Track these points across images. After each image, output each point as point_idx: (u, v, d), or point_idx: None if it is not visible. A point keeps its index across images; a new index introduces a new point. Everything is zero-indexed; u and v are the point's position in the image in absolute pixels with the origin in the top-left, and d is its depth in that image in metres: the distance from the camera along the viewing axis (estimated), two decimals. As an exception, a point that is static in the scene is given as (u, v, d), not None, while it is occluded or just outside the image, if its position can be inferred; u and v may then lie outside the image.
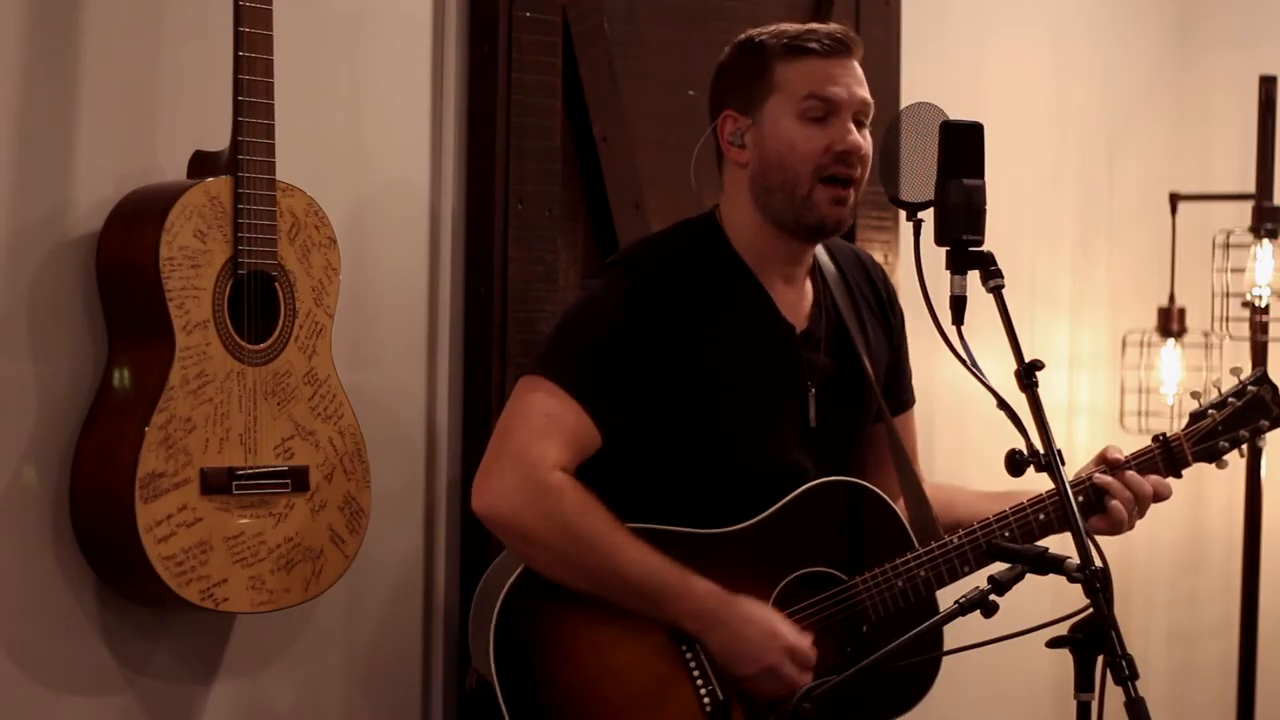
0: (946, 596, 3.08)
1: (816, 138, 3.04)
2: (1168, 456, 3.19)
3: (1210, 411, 3.22)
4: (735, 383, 3.07)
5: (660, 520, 3.01)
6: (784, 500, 3.07)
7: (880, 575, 3.06)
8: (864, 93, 3.08)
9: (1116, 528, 3.11)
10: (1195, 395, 3.26)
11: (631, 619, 2.97)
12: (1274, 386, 3.25)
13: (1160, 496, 3.16)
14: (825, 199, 3.05)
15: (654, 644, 2.98)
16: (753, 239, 3.11)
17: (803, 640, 2.99)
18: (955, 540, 3.08)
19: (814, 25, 3.11)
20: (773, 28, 3.11)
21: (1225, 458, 3.23)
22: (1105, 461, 3.15)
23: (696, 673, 2.99)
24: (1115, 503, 3.10)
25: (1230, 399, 3.22)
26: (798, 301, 3.15)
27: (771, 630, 2.98)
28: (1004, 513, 3.10)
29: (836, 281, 3.20)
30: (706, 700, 2.99)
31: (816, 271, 3.19)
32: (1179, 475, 3.21)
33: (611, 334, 3.01)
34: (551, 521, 2.93)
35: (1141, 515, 3.15)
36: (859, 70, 3.09)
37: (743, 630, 2.97)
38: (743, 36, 3.14)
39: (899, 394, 3.30)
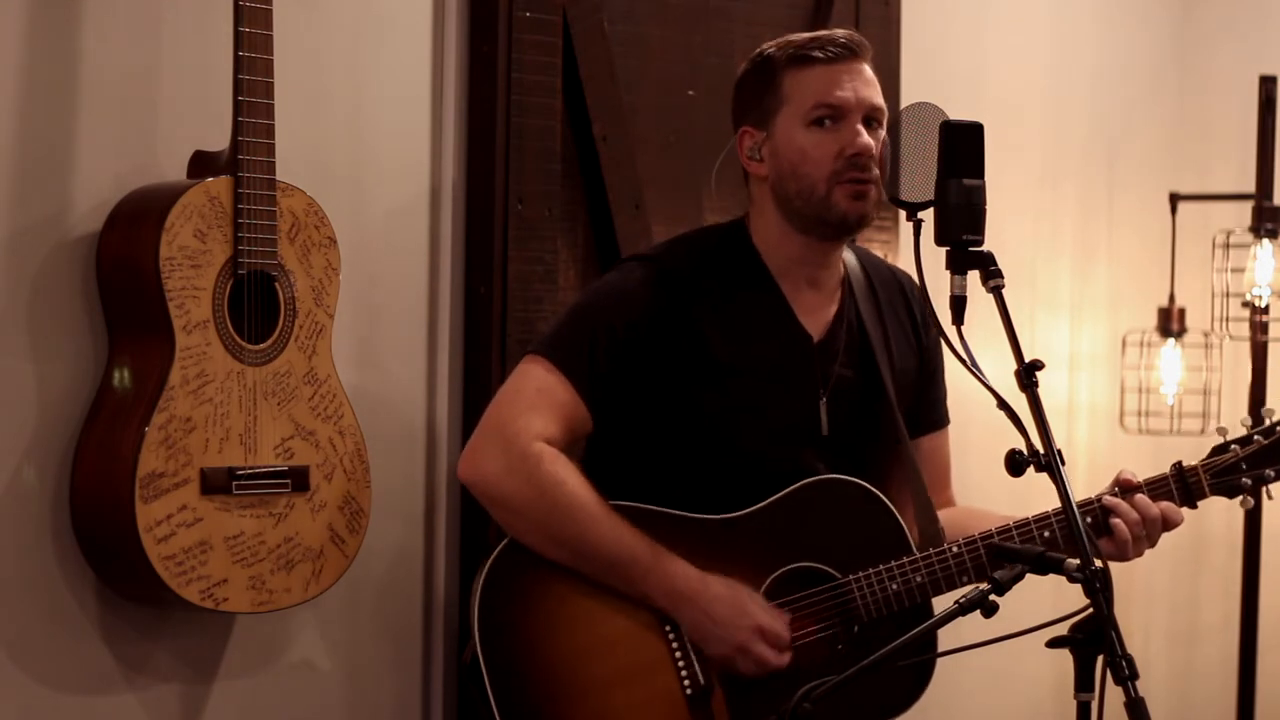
0: (943, 605, 3.08)
1: (826, 143, 3.07)
2: (1182, 485, 3.13)
3: (1233, 446, 3.14)
4: (739, 380, 3.08)
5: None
6: (782, 493, 3.07)
7: (874, 576, 3.06)
8: (872, 94, 3.10)
9: (1122, 550, 3.07)
10: (1221, 431, 3.18)
11: (617, 594, 2.99)
12: None
13: (1170, 524, 3.10)
14: (844, 196, 3.07)
15: (639, 622, 3.00)
16: (779, 245, 3.14)
17: (775, 621, 3.00)
18: (955, 549, 3.07)
19: (820, 33, 3.14)
20: (780, 40, 3.14)
21: (1248, 496, 3.13)
22: (1118, 484, 3.13)
23: (679, 654, 2.99)
24: (1119, 522, 3.06)
25: (1257, 436, 3.13)
26: (819, 311, 3.16)
27: (741, 609, 2.99)
28: (1007, 525, 3.08)
29: (865, 296, 3.21)
30: (687, 683, 2.99)
31: (846, 284, 3.20)
32: (1194, 506, 3.15)
33: (615, 321, 3.05)
34: (529, 488, 2.98)
35: (1152, 544, 3.11)
36: (868, 73, 3.11)
37: (711, 609, 2.99)
38: (755, 52, 3.17)
39: (930, 413, 3.31)
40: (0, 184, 2.86)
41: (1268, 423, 3.16)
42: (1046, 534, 3.07)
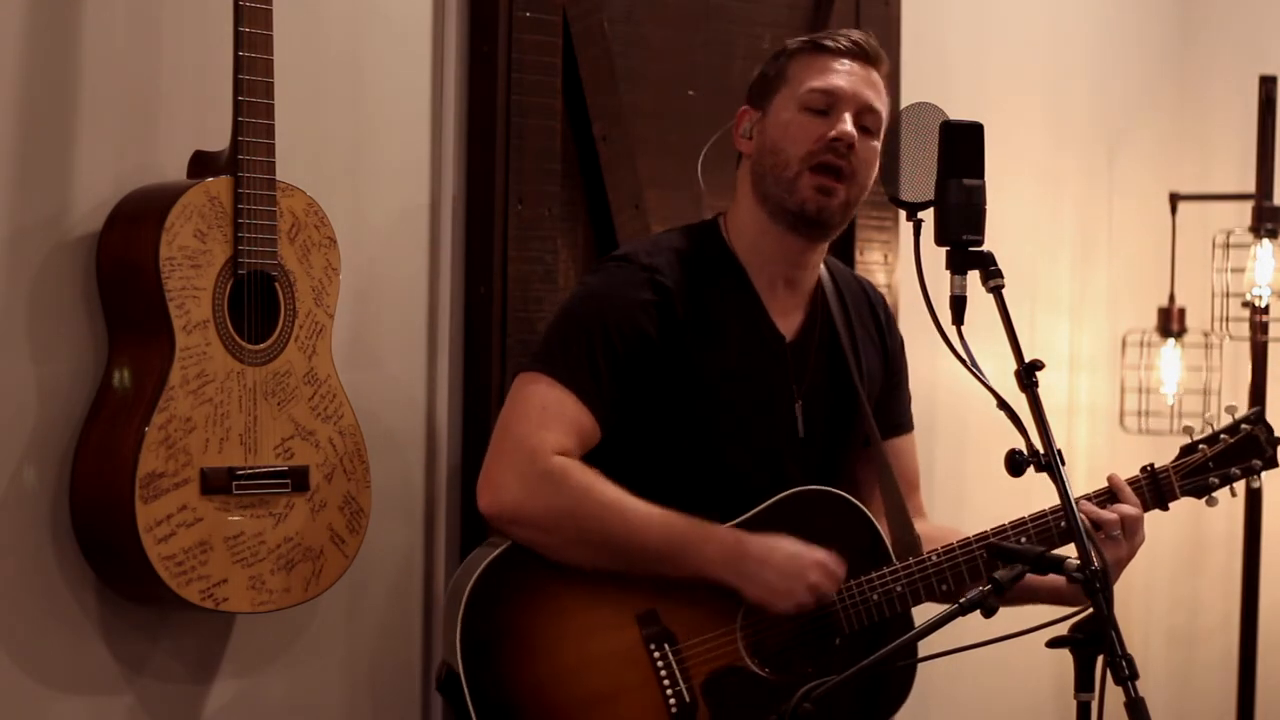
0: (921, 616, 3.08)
1: (813, 127, 3.07)
2: (1154, 488, 3.16)
3: (1201, 446, 3.18)
4: (721, 383, 3.08)
5: None
6: (764, 504, 3.07)
7: (856, 587, 3.06)
8: (870, 95, 3.10)
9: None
10: (1187, 430, 3.22)
11: (602, 614, 2.96)
12: (1269, 427, 3.20)
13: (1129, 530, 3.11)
14: (809, 185, 3.06)
15: (623, 642, 2.97)
16: (754, 238, 3.13)
17: (828, 556, 2.99)
18: (934, 558, 3.07)
19: (842, 29, 3.16)
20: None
21: (1215, 495, 3.18)
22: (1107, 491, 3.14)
23: (664, 673, 2.98)
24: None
25: (1223, 435, 3.18)
26: (791, 311, 3.16)
27: (797, 552, 2.98)
28: (985, 533, 3.09)
29: (835, 300, 3.21)
30: (672, 700, 2.98)
31: (819, 289, 3.20)
32: (1165, 508, 3.18)
33: (607, 326, 3.02)
34: (558, 504, 2.94)
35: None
36: (874, 77, 3.12)
37: (771, 558, 2.97)
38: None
39: (896, 417, 3.31)
40: (0, 184, 2.86)
41: (1231, 420, 3.19)
42: (1023, 540, 3.07)
